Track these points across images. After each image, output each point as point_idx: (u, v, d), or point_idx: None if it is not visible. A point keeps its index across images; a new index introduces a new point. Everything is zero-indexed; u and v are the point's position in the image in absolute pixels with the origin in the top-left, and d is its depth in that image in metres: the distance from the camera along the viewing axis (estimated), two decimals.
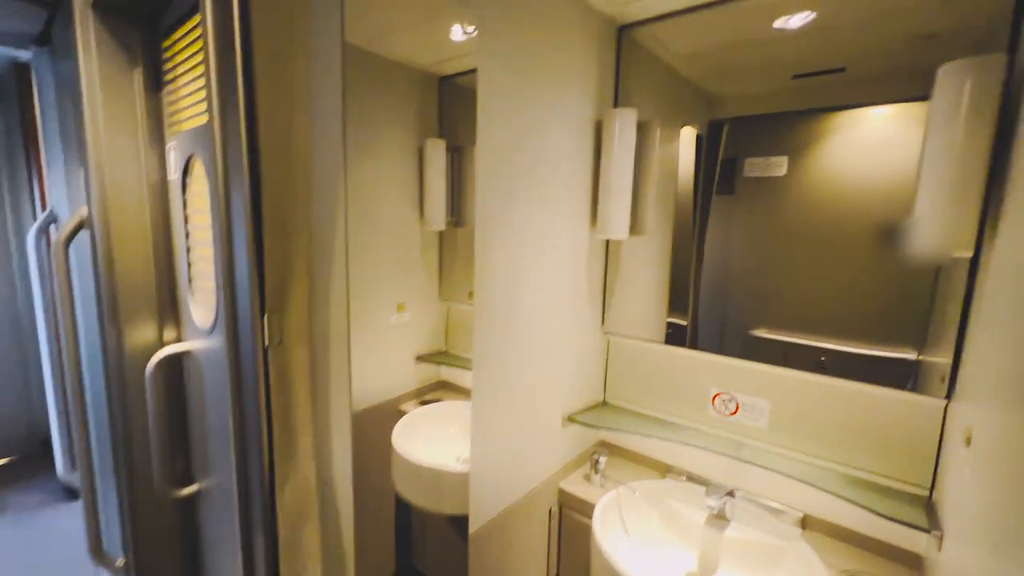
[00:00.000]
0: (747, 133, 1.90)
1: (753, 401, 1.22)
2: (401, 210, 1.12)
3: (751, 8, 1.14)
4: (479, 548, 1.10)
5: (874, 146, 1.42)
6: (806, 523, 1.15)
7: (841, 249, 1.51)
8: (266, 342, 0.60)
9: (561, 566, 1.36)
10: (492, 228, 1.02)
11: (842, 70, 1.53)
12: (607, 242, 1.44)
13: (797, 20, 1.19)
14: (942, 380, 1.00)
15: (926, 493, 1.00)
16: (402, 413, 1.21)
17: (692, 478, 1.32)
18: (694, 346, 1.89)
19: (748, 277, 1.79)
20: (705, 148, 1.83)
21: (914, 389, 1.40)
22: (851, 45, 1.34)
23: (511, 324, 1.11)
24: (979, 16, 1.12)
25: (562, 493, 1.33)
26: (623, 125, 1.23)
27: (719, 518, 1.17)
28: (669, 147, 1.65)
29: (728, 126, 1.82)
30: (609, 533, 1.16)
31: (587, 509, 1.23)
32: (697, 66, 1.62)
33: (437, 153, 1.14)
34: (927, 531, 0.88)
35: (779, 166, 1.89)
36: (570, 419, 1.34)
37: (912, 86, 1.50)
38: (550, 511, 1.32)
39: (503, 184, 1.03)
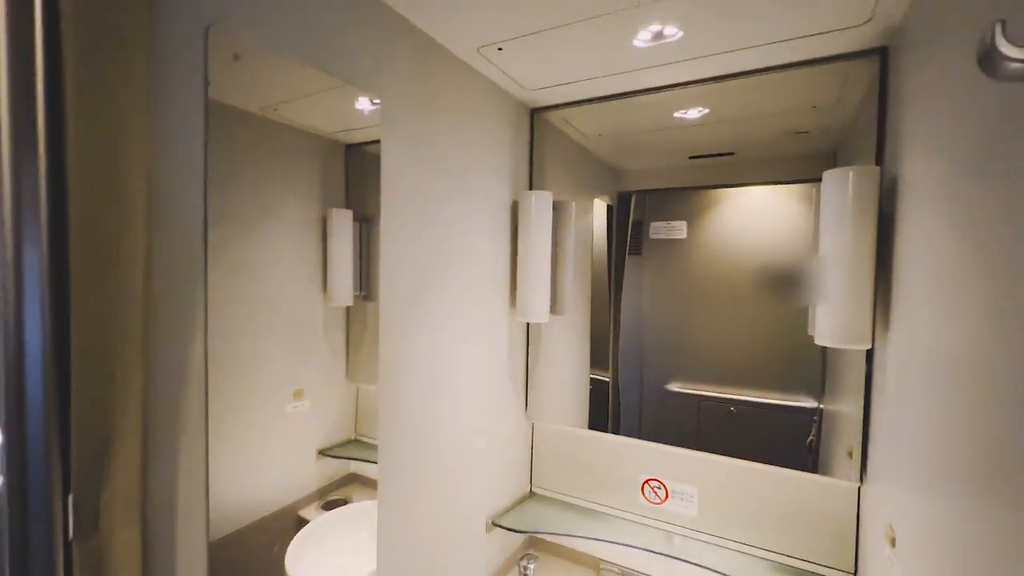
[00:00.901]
0: (651, 200, 2.05)
1: (682, 488, 1.18)
2: (300, 286, 0.98)
3: (655, 101, 1.20)
4: None
5: (759, 214, 1.60)
6: None
7: (737, 305, 1.62)
8: (70, 534, 0.43)
9: None
10: (400, 308, 0.93)
11: (732, 154, 1.70)
12: (527, 323, 1.38)
13: (694, 113, 1.28)
14: (850, 455, 1.03)
15: None
16: (302, 522, 1.00)
17: (625, 573, 1.23)
18: (616, 420, 1.86)
19: (660, 333, 1.85)
20: (616, 215, 1.92)
21: (819, 435, 1.48)
22: (739, 135, 1.49)
23: (424, 415, 0.99)
24: (840, 119, 1.29)
25: None
26: (539, 207, 1.21)
27: None
28: (584, 219, 1.68)
29: (635, 197, 1.93)
30: None
31: None
32: (606, 145, 1.70)
33: (343, 223, 1.04)
34: None
35: (680, 230, 2.04)
36: (494, 524, 1.21)
37: (789, 171, 1.72)
38: None
39: (412, 263, 0.95)
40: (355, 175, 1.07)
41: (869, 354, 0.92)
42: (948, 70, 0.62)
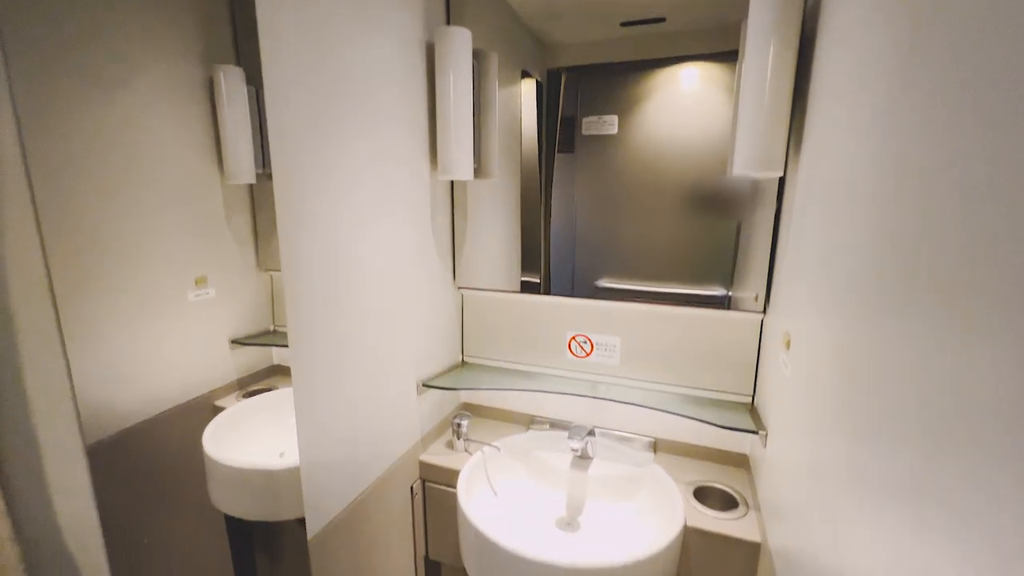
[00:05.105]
0: (583, 89, 1.97)
1: (605, 339, 1.24)
2: (189, 161, 0.84)
3: None
4: (324, 553, 0.92)
5: (688, 107, 1.58)
6: (657, 447, 1.22)
7: (664, 203, 1.67)
8: None
9: (430, 545, 1.25)
10: (298, 173, 0.81)
11: (663, 20, 1.63)
12: (452, 186, 1.31)
13: None
14: (756, 299, 1.11)
15: (750, 400, 1.12)
16: (219, 410, 0.95)
17: (555, 424, 1.31)
18: (548, 293, 1.90)
19: (591, 232, 1.88)
20: (545, 102, 1.82)
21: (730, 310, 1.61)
22: None
23: (341, 288, 0.93)
24: None
25: (424, 467, 1.20)
26: (459, 47, 1.09)
27: (582, 458, 1.18)
28: (510, 90, 1.57)
29: (565, 76, 1.83)
30: (475, 498, 1.07)
31: (452, 478, 1.13)
32: (530, 4, 1.56)
33: (234, 85, 0.87)
34: (755, 432, 0.97)
35: (611, 125, 2.00)
36: (426, 385, 1.21)
37: (720, 41, 1.67)
38: (412, 489, 1.19)
39: (307, 117, 0.82)
40: (246, 24, 0.89)
41: (781, 182, 0.95)
42: None
